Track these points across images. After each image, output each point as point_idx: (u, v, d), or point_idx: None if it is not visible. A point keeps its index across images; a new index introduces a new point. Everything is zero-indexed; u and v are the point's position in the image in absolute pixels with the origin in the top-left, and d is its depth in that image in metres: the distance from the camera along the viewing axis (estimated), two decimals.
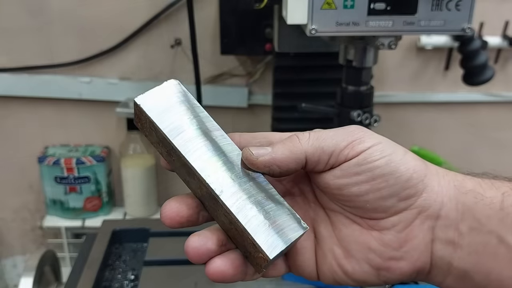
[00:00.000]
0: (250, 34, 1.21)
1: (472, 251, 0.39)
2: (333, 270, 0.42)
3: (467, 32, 0.79)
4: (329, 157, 0.39)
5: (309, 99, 1.04)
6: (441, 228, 0.39)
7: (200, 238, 0.39)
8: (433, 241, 0.40)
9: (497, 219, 0.38)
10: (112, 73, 1.35)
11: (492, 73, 0.99)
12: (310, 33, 0.78)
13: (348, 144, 0.39)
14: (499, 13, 1.30)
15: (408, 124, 1.43)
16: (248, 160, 0.40)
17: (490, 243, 0.38)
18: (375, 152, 0.39)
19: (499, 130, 1.46)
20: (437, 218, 0.39)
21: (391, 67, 1.36)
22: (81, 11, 1.29)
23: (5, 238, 1.57)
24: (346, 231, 0.42)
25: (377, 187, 0.39)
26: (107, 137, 1.44)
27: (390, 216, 0.40)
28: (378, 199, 0.39)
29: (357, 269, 0.41)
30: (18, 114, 1.41)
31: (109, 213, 1.48)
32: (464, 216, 0.39)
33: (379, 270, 0.41)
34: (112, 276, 0.96)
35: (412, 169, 0.39)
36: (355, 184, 0.39)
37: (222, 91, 1.36)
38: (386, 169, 0.39)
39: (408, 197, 0.39)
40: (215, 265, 0.39)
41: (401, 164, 0.39)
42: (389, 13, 0.77)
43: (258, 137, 0.43)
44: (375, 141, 0.40)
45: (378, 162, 0.39)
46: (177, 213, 0.40)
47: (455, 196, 0.39)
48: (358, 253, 0.41)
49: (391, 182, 0.39)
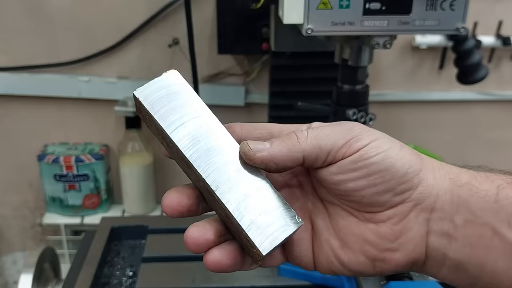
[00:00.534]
0: (247, 34, 1.22)
1: (466, 243, 0.39)
2: (330, 260, 0.43)
3: (461, 31, 0.79)
4: (326, 155, 0.40)
5: (305, 98, 1.04)
6: (436, 220, 0.40)
7: (199, 228, 0.40)
8: (428, 233, 0.40)
9: (492, 211, 0.38)
10: (111, 72, 1.36)
11: (485, 72, 0.99)
12: (306, 32, 0.78)
13: (345, 142, 0.40)
14: (493, 13, 1.31)
15: (403, 122, 1.44)
16: (246, 155, 0.40)
17: (484, 235, 0.39)
18: (371, 149, 0.39)
19: (493, 128, 1.47)
20: (432, 210, 0.40)
21: (386, 66, 1.37)
22: (80, 10, 1.29)
23: (5, 235, 1.57)
24: (343, 223, 0.42)
25: (374, 183, 0.39)
26: (105, 135, 1.45)
27: (386, 209, 0.40)
28: (374, 194, 0.40)
29: (353, 260, 0.42)
30: (18, 113, 1.42)
31: (107, 211, 1.48)
32: (459, 208, 0.39)
33: (375, 261, 0.41)
34: (111, 273, 0.97)
35: (408, 164, 0.40)
36: (351, 180, 0.40)
37: (219, 90, 1.36)
38: (382, 165, 0.39)
39: (403, 191, 0.40)
40: (213, 255, 0.39)
41: (397, 159, 0.39)
42: (384, 13, 0.77)
43: (259, 127, 0.44)
44: (372, 138, 0.40)
45: (374, 158, 0.39)
46: (178, 203, 0.40)
47: (450, 189, 0.40)
48: (354, 245, 0.42)
49: (387, 177, 0.39)
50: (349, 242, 0.42)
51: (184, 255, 0.96)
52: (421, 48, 1.34)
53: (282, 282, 0.91)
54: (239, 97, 1.37)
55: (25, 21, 1.31)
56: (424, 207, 0.40)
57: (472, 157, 1.48)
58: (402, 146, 0.41)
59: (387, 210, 0.40)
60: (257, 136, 0.43)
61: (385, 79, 1.39)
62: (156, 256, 0.97)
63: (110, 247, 1.03)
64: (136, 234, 1.06)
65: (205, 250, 0.40)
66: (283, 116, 1.18)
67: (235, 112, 1.40)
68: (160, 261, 0.96)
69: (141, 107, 0.41)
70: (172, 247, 0.99)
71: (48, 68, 1.35)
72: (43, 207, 1.49)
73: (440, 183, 0.40)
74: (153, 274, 0.93)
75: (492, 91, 1.41)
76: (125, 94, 1.36)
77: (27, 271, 1.00)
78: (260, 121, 0.45)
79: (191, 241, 0.39)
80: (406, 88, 1.41)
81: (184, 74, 0.42)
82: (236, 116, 1.40)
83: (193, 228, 0.40)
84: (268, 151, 0.40)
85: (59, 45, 1.33)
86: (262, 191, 0.40)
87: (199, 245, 0.39)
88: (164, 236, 1.04)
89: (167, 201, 0.40)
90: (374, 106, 1.24)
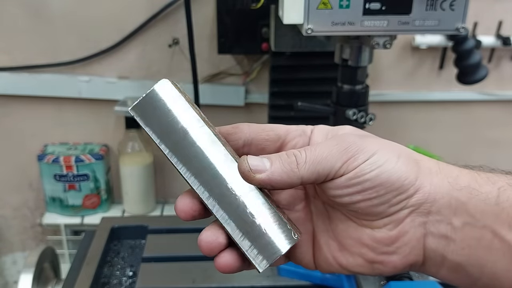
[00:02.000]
0: (247, 34, 1.22)
1: (465, 245, 0.39)
2: (329, 262, 0.44)
3: (461, 31, 0.79)
4: (324, 178, 0.40)
5: (305, 98, 1.04)
6: (433, 223, 0.40)
7: (212, 233, 0.41)
8: (425, 236, 0.40)
9: (492, 214, 0.38)
10: (111, 72, 1.36)
11: (485, 72, 0.99)
12: (306, 32, 0.78)
13: (343, 164, 0.40)
14: (493, 13, 1.31)
15: (403, 123, 1.44)
16: (245, 175, 0.40)
17: (484, 237, 0.39)
18: (367, 166, 0.39)
19: (493, 128, 1.47)
20: (429, 213, 0.40)
21: (386, 66, 1.37)
22: (81, 11, 1.29)
23: (5, 235, 1.57)
24: (341, 226, 0.43)
25: (368, 197, 0.40)
26: (105, 135, 1.45)
27: (382, 218, 0.41)
28: (369, 206, 0.40)
29: (351, 262, 0.43)
30: (18, 113, 1.42)
31: (107, 210, 1.48)
32: (457, 211, 0.39)
33: (373, 263, 0.42)
34: (111, 273, 0.97)
35: (404, 176, 0.40)
36: (346, 194, 0.40)
37: (219, 90, 1.36)
38: (377, 181, 0.39)
39: (399, 201, 0.40)
40: (224, 259, 0.41)
41: (392, 173, 0.39)
42: (384, 13, 0.77)
43: (266, 129, 0.44)
44: (370, 154, 0.40)
45: (368, 175, 0.39)
46: (191, 207, 0.42)
47: (448, 193, 0.40)
48: (352, 247, 0.43)
49: (381, 192, 0.40)
50: (347, 245, 0.43)
51: (184, 255, 0.97)
52: (421, 48, 1.34)
53: (282, 282, 0.91)
54: (239, 97, 1.37)
55: (25, 21, 1.31)
56: (419, 212, 0.40)
57: (472, 157, 1.48)
58: (399, 156, 0.41)
59: (383, 218, 0.41)
60: (265, 138, 0.44)
61: (385, 79, 1.39)
62: (156, 256, 0.97)
63: (110, 247, 1.03)
64: (136, 234, 1.06)
65: (217, 253, 0.41)
66: (283, 116, 1.18)
67: (235, 112, 1.40)
68: (160, 261, 0.96)
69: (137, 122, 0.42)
70: (172, 247, 0.99)
71: (48, 68, 1.35)
72: (43, 207, 1.49)
73: (437, 188, 0.40)
74: (153, 274, 0.93)
75: (492, 91, 1.41)
76: (125, 94, 1.36)
77: (27, 271, 1.00)
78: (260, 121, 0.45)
79: (205, 245, 0.41)
80: (406, 88, 1.41)
81: (184, 74, 0.42)
82: (236, 116, 1.40)
83: (206, 233, 0.41)
84: (267, 175, 0.40)
85: (59, 45, 1.33)
86: (260, 207, 0.41)
87: (213, 248, 0.41)
88: (164, 236, 1.04)
89: (180, 206, 0.42)
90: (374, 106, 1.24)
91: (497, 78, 1.39)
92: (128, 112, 0.41)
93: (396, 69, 1.38)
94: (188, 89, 1.19)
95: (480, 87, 1.31)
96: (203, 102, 1.22)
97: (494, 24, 1.32)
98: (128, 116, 1.33)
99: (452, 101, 1.42)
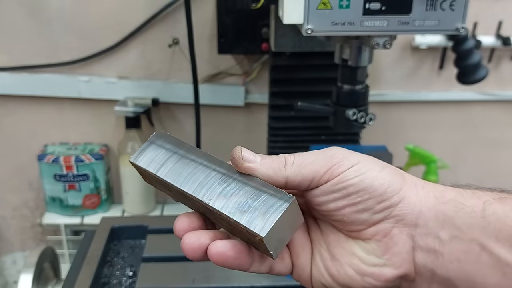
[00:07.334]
0: (246, 34, 1.22)
1: (454, 259, 0.39)
2: (321, 272, 0.44)
3: (461, 31, 0.79)
4: (309, 182, 0.41)
5: (305, 98, 1.04)
6: (421, 236, 0.41)
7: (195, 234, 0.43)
8: (414, 249, 0.41)
9: (479, 227, 0.39)
10: (111, 72, 1.36)
11: (485, 72, 0.99)
12: (306, 32, 0.78)
13: (327, 170, 0.41)
14: (493, 13, 1.31)
15: (402, 123, 1.44)
16: (235, 160, 0.42)
17: (472, 251, 0.39)
18: (351, 172, 0.41)
19: (493, 128, 1.47)
20: (415, 226, 0.41)
21: (386, 66, 1.37)
22: (80, 11, 1.29)
23: (5, 235, 1.57)
24: (333, 237, 0.44)
25: (353, 202, 0.41)
26: (105, 135, 1.45)
27: (368, 227, 0.42)
28: (354, 212, 0.41)
29: (342, 273, 0.43)
30: (17, 113, 1.42)
31: (107, 210, 1.48)
32: (444, 224, 0.40)
33: (364, 276, 0.42)
34: (111, 273, 0.97)
35: (387, 183, 0.41)
36: (332, 200, 0.41)
37: (219, 90, 1.37)
38: (360, 186, 0.40)
39: (383, 209, 0.41)
40: (215, 246, 0.41)
41: (375, 180, 0.41)
42: (384, 13, 0.77)
43: None
44: (354, 162, 0.41)
45: (351, 181, 0.40)
46: (189, 225, 0.43)
47: (434, 206, 0.40)
48: (343, 257, 0.43)
49: (365, 197, 0.40)
50: (338, 255, 0.44)
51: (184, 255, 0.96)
52: (421, 48, 1.34)
53: (282, 282, 0.91)
54: (239, 97, 1.37)
55: (25, 21, 1.31)
56: (406, 223, 0.41)
57: (472, 157, 1.48)
58: (384, 167, 0.42)
59: (370, 227, 0.42)
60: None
61: (385, 79, 1.39)
62: (156, 256, 0.98)
63: (110, 247, 1.03)
64: (136, 234, 1.06)
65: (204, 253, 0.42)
66: (283, 116, 1.18)
67: (235, 112, 1.40)
68: (160, 261, 0.96)
69: (138, 168, 0.45)
70: (172, 247, 0.99)
71: (48, 68, 1.35)
72: (43, 207, 1.49)
73: (423, 200, 0.41)
74: (153, 274, 0.93)
75: (492, 91, 1.41)
76: (125, 94, 1.36)
77: (27, 271, 1.00)
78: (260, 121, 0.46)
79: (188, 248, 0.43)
80: (406, 88, 1.41)
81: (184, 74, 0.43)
82: (236, 116, 1.40)
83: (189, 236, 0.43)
84: (256, 166, 0.42)
85: (59, 45, 1.33)
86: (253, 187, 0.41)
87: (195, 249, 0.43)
88: (164, 236, 1.04)
89: (179, 225, 0.43)
90: (374, 106, 1.24)
91: (497, 78, 1.39)
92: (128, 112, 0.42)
93: (396, 69, 1.38)
94: (188, 89, 1.19)
95: (480, 87, 1.31)
96: (203, 102, 1.22)
97: (494, 24, 1.31)
98: (128, 116, 1.33)
99: (452, 101, 1.42)
